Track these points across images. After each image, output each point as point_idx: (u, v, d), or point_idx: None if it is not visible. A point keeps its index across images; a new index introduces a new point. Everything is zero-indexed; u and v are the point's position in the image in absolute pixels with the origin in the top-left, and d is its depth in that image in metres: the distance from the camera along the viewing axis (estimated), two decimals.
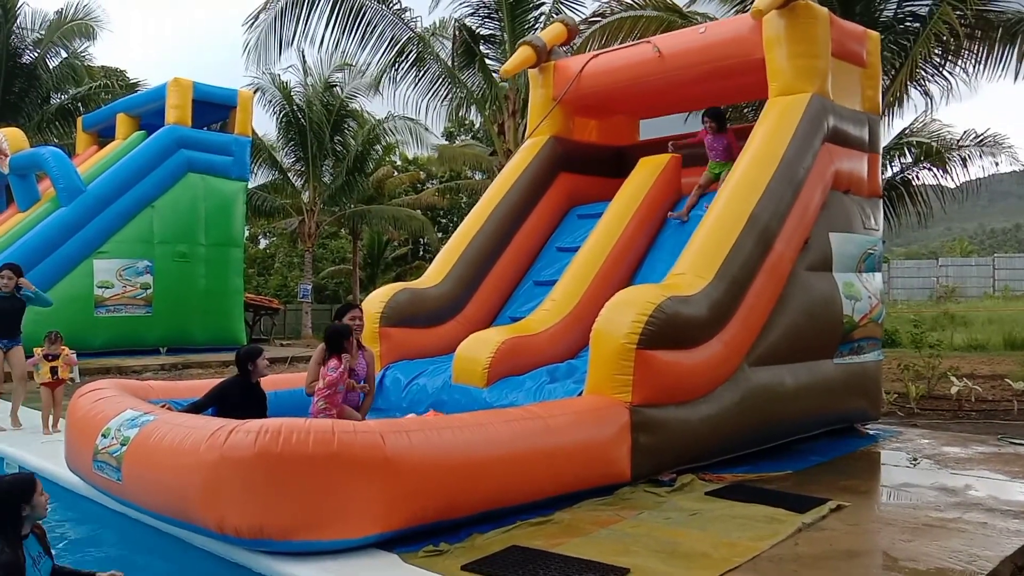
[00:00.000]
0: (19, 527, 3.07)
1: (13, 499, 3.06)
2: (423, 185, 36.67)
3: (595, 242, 7.83)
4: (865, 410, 7.83)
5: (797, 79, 7.24)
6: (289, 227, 31.98)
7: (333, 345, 5.77)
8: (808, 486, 5.61)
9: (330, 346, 5.79)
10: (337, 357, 5.72)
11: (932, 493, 5.53)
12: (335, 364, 5.68)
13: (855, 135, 7.66)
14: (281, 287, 35.59)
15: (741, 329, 6.22)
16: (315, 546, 3.97)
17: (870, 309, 7.66)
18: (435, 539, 4.23)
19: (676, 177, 8.42)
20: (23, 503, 3.07)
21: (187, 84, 17.40)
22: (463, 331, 7.54)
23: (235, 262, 18.40)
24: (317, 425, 4.11)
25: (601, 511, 4.92)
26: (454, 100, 17.08)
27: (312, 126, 25.53)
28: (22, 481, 3.12)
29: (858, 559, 4.15)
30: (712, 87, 8.72)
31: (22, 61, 23.79)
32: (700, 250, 6.40)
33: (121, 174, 16.45)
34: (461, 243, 8.44)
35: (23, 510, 3.07)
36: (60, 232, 15.43)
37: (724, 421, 6.02)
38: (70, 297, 14.99)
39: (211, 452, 4.00)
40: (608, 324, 5.67)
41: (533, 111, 9.53)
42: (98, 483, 4.88)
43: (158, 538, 4.68)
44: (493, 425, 4.75)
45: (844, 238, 7.38)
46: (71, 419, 5.39)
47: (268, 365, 5.82)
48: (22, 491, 3.08)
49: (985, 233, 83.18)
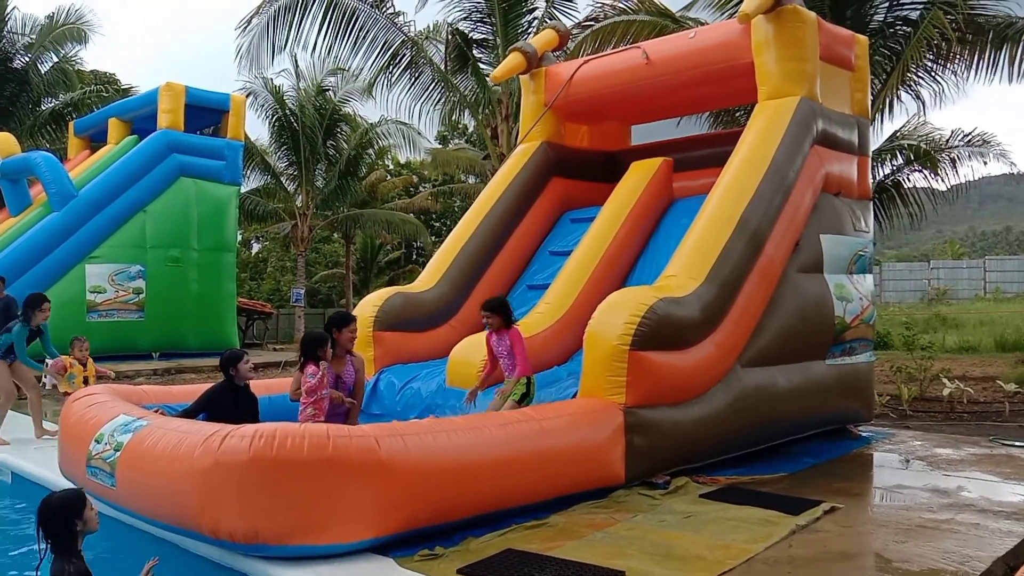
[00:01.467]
0: (75, 542, 3.15)
1: (67, 515, 3.14)
2: (416, 189, 36.69)
3: (588, 246, 7.85)
4: (858, 411, 7.86)
5: (786, 83, 7.28)
6: (282, 231, 31.93)
7: (308, 352, 5.64)
8: (801, 488, 5.64)
9: (305, 353, 5.67)
10: (314, 363, 5.61)
11: (925, 494, 5.56)
12: (313, 371, 5.60)
13: (844, 138, 7.71)
14: (274, 291, 35.52)
15: (733, 330, 6.25)
16: (311, 551, 3.97)
17: (861, 310, 7.70)
18: (430, 543, 4.24)
19: (668, 181, 8.45)
20: (76, 518, 3.15)
21: (179, 88, 17.36)
22: (457, 335, 7.55)
23: (228, 266, 18.35)
24: (312, 429, 4.11)
25: (596, 514, 4.94)
26: (447, 104, 17.10)
27: (305, 130, 25.50)
28: (73, 498, 3.21)
29: (852, 561, 4.18)
30: (702, 91, 8.78)
31: (13, 65, 23.70)
32: (691, 252, 6.43)
33: (113, 179, 16.39)
34: (455, 247, 8.45)
35: (76, 525, 3.15)
36: (52, 237, 15.37)
37: (717, 422, 6.05)
38: (62, 302, 14.87)
39: (206, 457, 4.00)
40: (601, 326, 5.69)
41: (525, 117, 9.56)
42: (92, 489, 4.84)
43: (153, 544, 4.66)
44: (488, 428, 4.76)
45: (835, 240, 7.43)
46: (64, 425, 5.37)
47: (251, 369, 5.72)
48: (75, 507, 3.16)
49: (976, 235, 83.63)
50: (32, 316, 7.89)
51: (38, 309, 7.93)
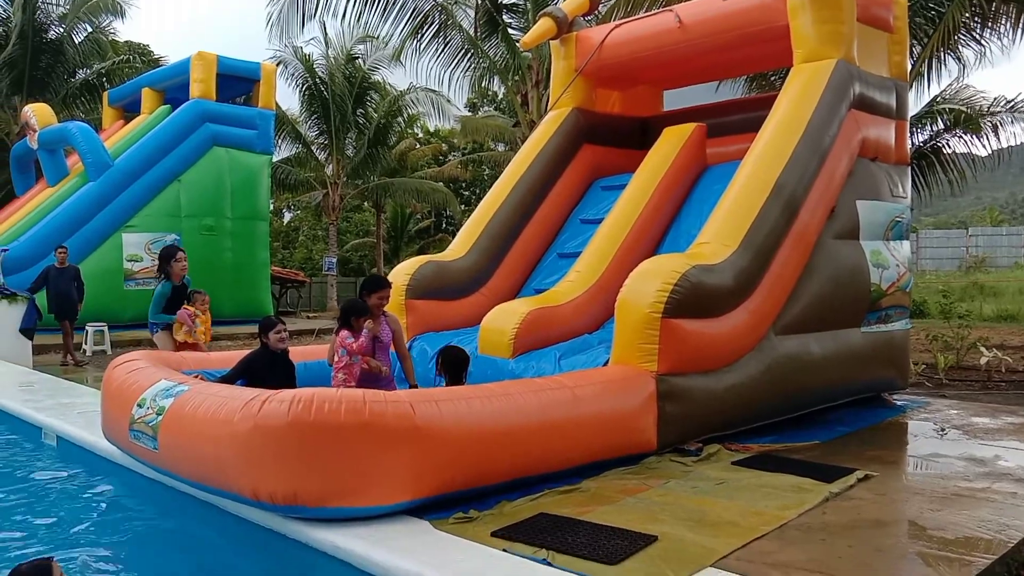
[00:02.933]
0: None
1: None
2: (445, 157, 36.62)
3: (619, 214, 7.81)
4: (892, 379, 7.79)
5: (822, 45, 7.14)
6: (313, 201, 32.12)
7: (343, 318, 5.70)
8: (835, 456, 5.62)
9: (341, 318, 5.74)
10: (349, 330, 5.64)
11: (961, 463, 5.52)
12: (345, 334, 5.61)
13: (882, 101, 7.55)
14: (306, 260, 35.83)
15: (767, 298, 6.21)
16: (348, 512, 4.05)
17: (898, 277, 7.60)
18: (465, 506, 4.30)
19: (701, 147, 8.35)
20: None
21: (211, 58, 17.45)
22: (488, 303, 7.58)
23: (261, 235, 18.56)
24: (348, 395, 4.17)
25: (628, 480, 4.97)
26: (476, 71, 17.00)
27: (334, 99, 25.53)
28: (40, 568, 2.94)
29: (886, 528, 4.16)
30: (736, 55, 8.62)
31: (48, 36, 23.93)
32: (725, 219, 6.38)
33: (147, 148, 16.60)
34: (485, 216, 8.45)
35: None
36: (89, 207, 15.63)
37: (750, 390, 6.04)
38: (100, 271, 15.22)
39: (245, 421, 4.08)
40: (633, 294, 5.68)
41: (555, 83, 9.47)
42: (134, 452, 4.99)
43: (194, 504, 4.79)
44: (520, 395, 4.79)
45: (871, 206, 7.31)
46: (107, 389, 5.49)
47: (282, 340, 5.73)
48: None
49: (1016, 202, 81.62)
50: (170, 269, 7.63)
51: (173, 260, 7.66)
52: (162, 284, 7.71)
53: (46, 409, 7.40)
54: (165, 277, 7.72)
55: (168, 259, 7.71)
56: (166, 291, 7.67)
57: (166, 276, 7.71)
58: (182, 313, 7.59)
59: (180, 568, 4.18)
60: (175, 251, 7.83)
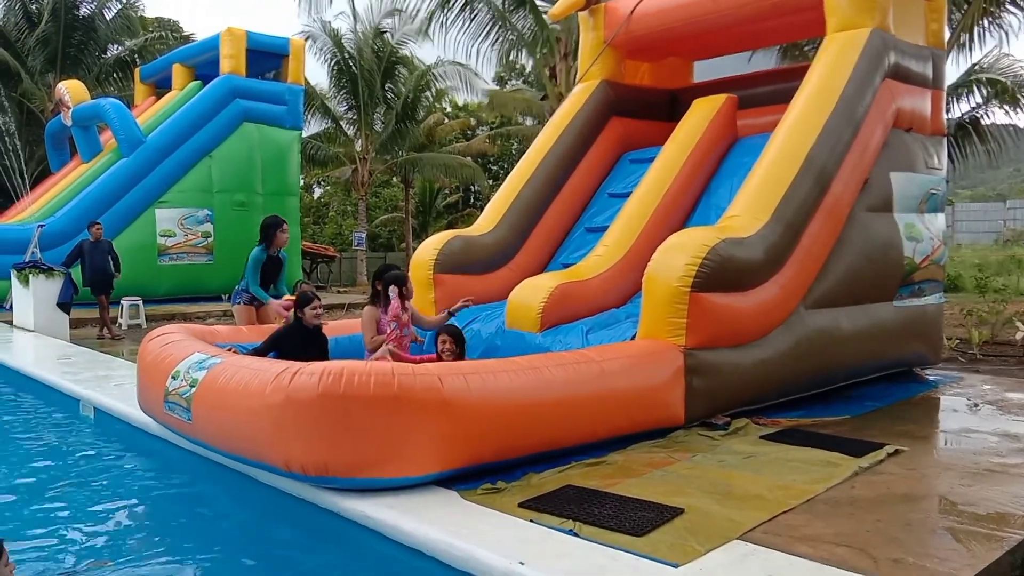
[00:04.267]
0: None
1: None
2: (473, 132, 36.51)
3: (647, 187, 7.75)
4: (925, 354, 7.70)
5: (856, 13, 6.99)
6: (343, 176, 32.24)
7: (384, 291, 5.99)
8: (865, 431, 5.57)
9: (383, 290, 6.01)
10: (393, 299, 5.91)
11: (993, 439, 5.45)
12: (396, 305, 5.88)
13: (918, 71, 7.39)
14: (336, 235, 36.06)
15: (798, 272, 6.15)
16: (377, 483, 4.11)
17: (932, 251, 7.48)
18: (492, 478, 4.34)
19: (731, 119, 8.24)
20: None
21: (240, 34, 17.51)
22: (515, 278, 7.59)
23: (292, 210, 18.68)
24: (377, 367, 4.21)
25: (655, 453, 4.98)
26: (504, 44, 16.89)
27: (363, 73, 25.53)
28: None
29: (916, 503, 4.14)
30: (768, 25, 8.47)
31: (80, 13, 24.16)
32: (755, 191, 6.31)
33: (179, 124, 16.75)
34: (513, 190, 8.44)
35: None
36: (122, 182, 15.85)
37: (779, 364, 6.00)
38: (135, 246, 15.45)
39: (277, 393, 4.14)
40: (661, 267, 5.65)
41: (584, 55, 9.38)
42: (169, 423, 5.10)
43: (228, 474, 4.88)
44: (548, 369, 4.81)
45: (906, 178, 7.19)
46: (142, 362, 5.60)
47: (318, 314, 5.83)
48: None
49: None
50: (273, 238, 7.39)
51: (279, 230, 7.40)
52: (260, 248, 7.44)
53: (83, 381, 7.56)
54: (264, 244, 7.44)
55: (275, 227, 7.43)
56: (262, 257, 7.43)
57: (265, 243, 7.44)
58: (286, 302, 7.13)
59: (215, 536, 4.27)
60: (281, 221, 7.55)
